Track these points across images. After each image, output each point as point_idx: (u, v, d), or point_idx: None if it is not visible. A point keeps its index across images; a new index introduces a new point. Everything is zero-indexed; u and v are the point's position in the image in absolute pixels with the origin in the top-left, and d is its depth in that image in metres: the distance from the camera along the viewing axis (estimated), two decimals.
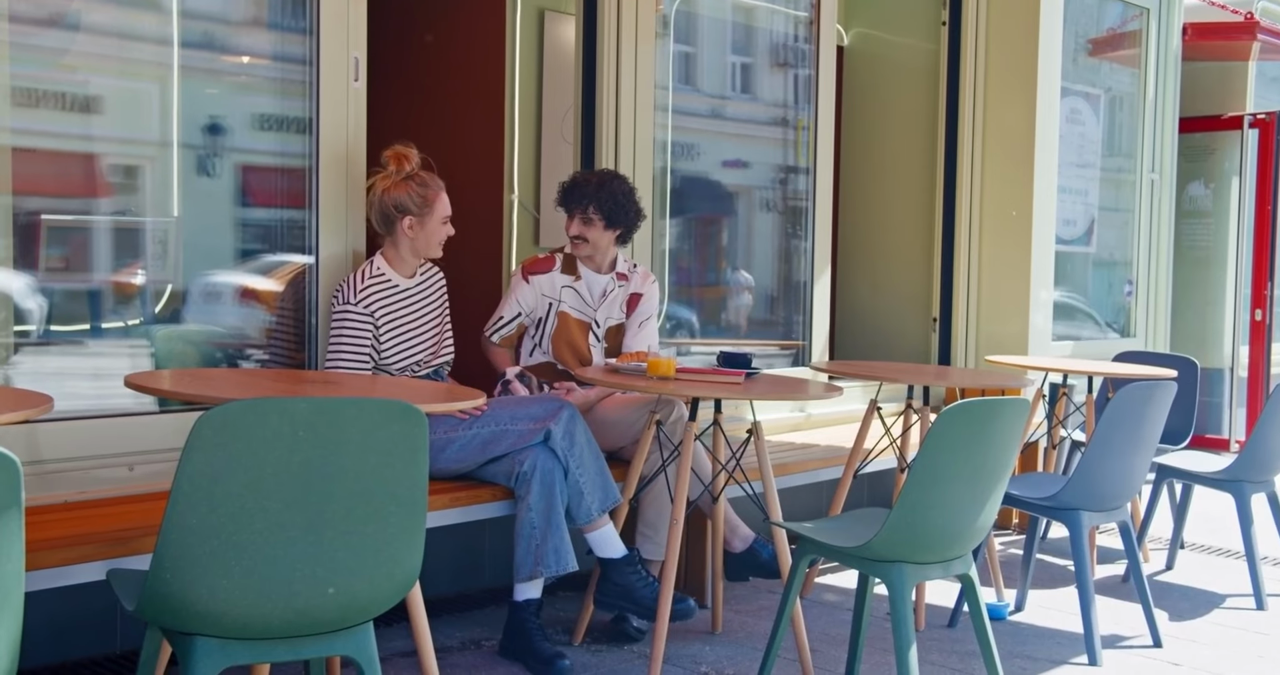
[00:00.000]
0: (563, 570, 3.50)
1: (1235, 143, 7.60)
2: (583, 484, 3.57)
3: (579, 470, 3.57)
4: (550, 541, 3.49)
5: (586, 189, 4.04)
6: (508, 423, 3.57)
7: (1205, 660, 3.93)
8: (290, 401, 2.16)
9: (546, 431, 3.54)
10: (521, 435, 3.55)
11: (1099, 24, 6.74)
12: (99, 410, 3.43)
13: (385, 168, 3.73)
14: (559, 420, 3.56)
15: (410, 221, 3.69)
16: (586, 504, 3.58)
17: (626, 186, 4.08)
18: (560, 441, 3.55)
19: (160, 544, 2.14)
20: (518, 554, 3.53)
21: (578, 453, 3.57)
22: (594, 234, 4.05)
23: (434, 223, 3.71)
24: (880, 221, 6.39)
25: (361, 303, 3.63)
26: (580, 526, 3.60)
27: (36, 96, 3.39)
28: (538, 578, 3.53)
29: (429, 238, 3.72)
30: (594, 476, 3.60)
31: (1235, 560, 5.23)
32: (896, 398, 4.94)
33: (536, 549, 3.50)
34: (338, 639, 2.33)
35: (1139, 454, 3.94)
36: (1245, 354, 7.59)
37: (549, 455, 3.53)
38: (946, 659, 3.83)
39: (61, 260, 3.52)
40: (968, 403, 2.93)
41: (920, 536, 3.01)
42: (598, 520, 3.60)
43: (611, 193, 4.02)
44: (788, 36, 5.79)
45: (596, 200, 4.01)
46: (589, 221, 4.04)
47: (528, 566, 3.51)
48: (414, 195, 3.68)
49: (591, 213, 4.02)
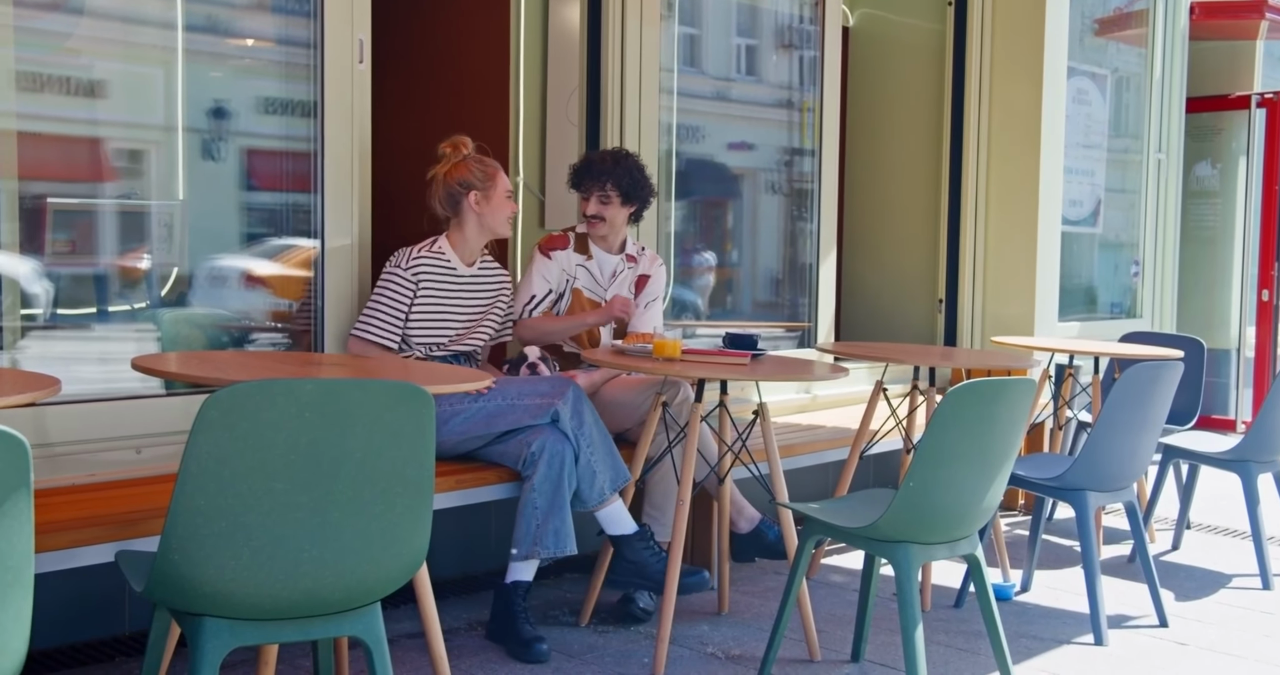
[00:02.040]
0: (561, 553, 3.50)
1: (1242, 122, 7.58)
2: (594, 464, 3.57)
3: (589, 449, 3.57)
4: (551, 522, 3.49)
5: (603, 167, 4.07)
6: (514, 398, 3.58)
7: (1211, 640, 3.94)
8: (297, 383, 2.16)
9: (554, 412, 3.54)
10: (528, 411, 3.56)
11: (1106, 3, 6.71)
12: (106, 393, 3.45)
13: (442, 156, 3.86)
14: (566, 399, 3.56)
15: (476, 196, 3.80)
16: (599, 483, 3.58)
17: (639, 163, 4.13)
18: (569, 422, 3.55)
19: (168, 526, 2.14)
20: (516, 533, 3.52)
21: (587, 432, 3.58)
22: (611, 212, 4.09)
23: (498, 196, 3.83)
24: (885, 203, 6.38)
25: (411, 269, 3.72)
26: (592, 507, 3.61)
27: (41, 81, 3.39)
28: (533, 558, 3.52)
29: (495, 211, 3.82)
30: (604, 455, 3.60)
31: (1241, 540, 5.23)
32: (902, 379, 4.94)
33: (536, 529, 3.49)
34: (345, 620, 2.33)
35: (1145, 434, 3.94)
36: (1252, 334, 7.58)
37: (558, 437, 3.53)
38: (953, 639, 3.84)
39: (67, 244, 3.52)
40: (973, 383, 2.93)
41: (926, 517, 3.02)
42: (609, 498, 3.61)
43: (628, 169, 4.07)
44: (793, 17, 5.77)
45: (614, 177, 4.06)
46: (607, 199, 4.07)
47: (525, 546, 3.50)
48: (476, 171, 3.83)
49: (609, 190, 4.06)
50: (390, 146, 5.01)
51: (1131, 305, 6.95)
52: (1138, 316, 6.90)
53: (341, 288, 3.86)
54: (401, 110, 5.59)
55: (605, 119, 4.67)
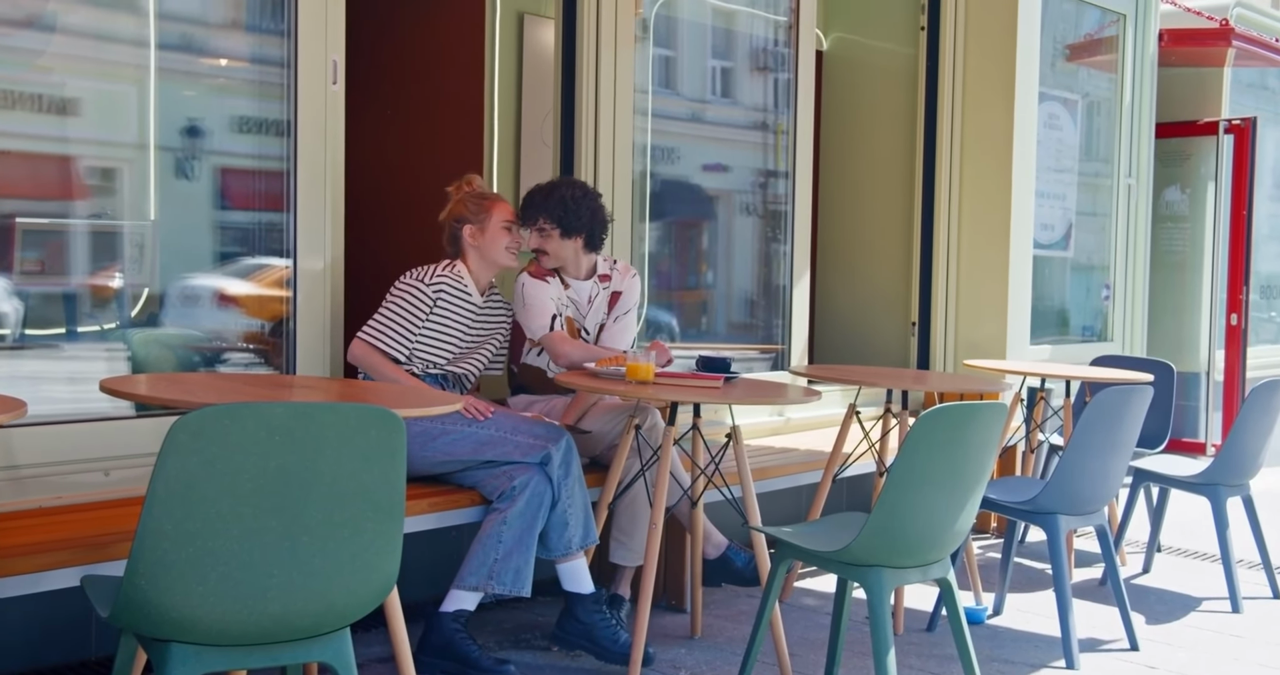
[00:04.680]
0: (515, 593, 3.46)
1: (1211, 148, 7.65)
2: (569, 515, 3.56)
3: (568, 500, 3.56)
4: (514, 560, 3.45)
5: (535, 200, 3.95)
6: (509, 432, 3.57)
7: (1182, 663, 3.95)
8: (267, 406, 2.15)
9: (546, 454, 3.53)
10: (519, 447, 3.54)
11: (1077, 29, 6.77)
12: (75, 415, 3.41)
13: (449, 198, 3.90)
14: (559, 446, 3.56)
15: (470, 230, 3.81)
16: (568, 536, 3.56)
17: (578, 192, 3.95)
18: (557, 469, 3.55)
19: (135, 550, 2.12)
20: (471, 562, 3.47)
21: (570, 484, 3.57)
22: (552, 245, 3.95)
23: (494, 227, 3.81)
24: (859, 225, 6.40)
25: (433, 286, 3.72)
26: (555, 558, 3.59)
27: (13, 98, 3.37)
28: (481, 591, 3.48)
29: (491, 242, 3.81)
30: (580, 511, 3.59)
31: (1211, 563, 5.26)
32: (875, 402, 4.95)
33: (495, 563, 3.44)
34: (315, 645, 2.31)
35: (1116, 458, 3.96)
36: (1221, 358, 7.63)
37: (543, 479, 3.52)
38: (925, 663, 3.84)
39: (37, 263, 3.49)
40: (946, 407, 2.94)
41: (899, 541, 3.02)
42: (574, 553, 3.59)
43: (561, 200, 3.91)
44: (767, 41, 5.80)
45: (545, 210, 3.92)
46: (544, 233, 3.93)
47: (477, 577, 3.45)
48: (470, 205, 3.84)
49: (544, 223, 3.92)
50: (364, 167, 5.00)
51: (1103, 328, 7.00)
52: (1109, 340, 6.94)
53: (314, 308, 3.84)
54: (376, 131, 5.58)
55: (580, 140, 4.67)
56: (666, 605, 4.31)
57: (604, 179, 4.70)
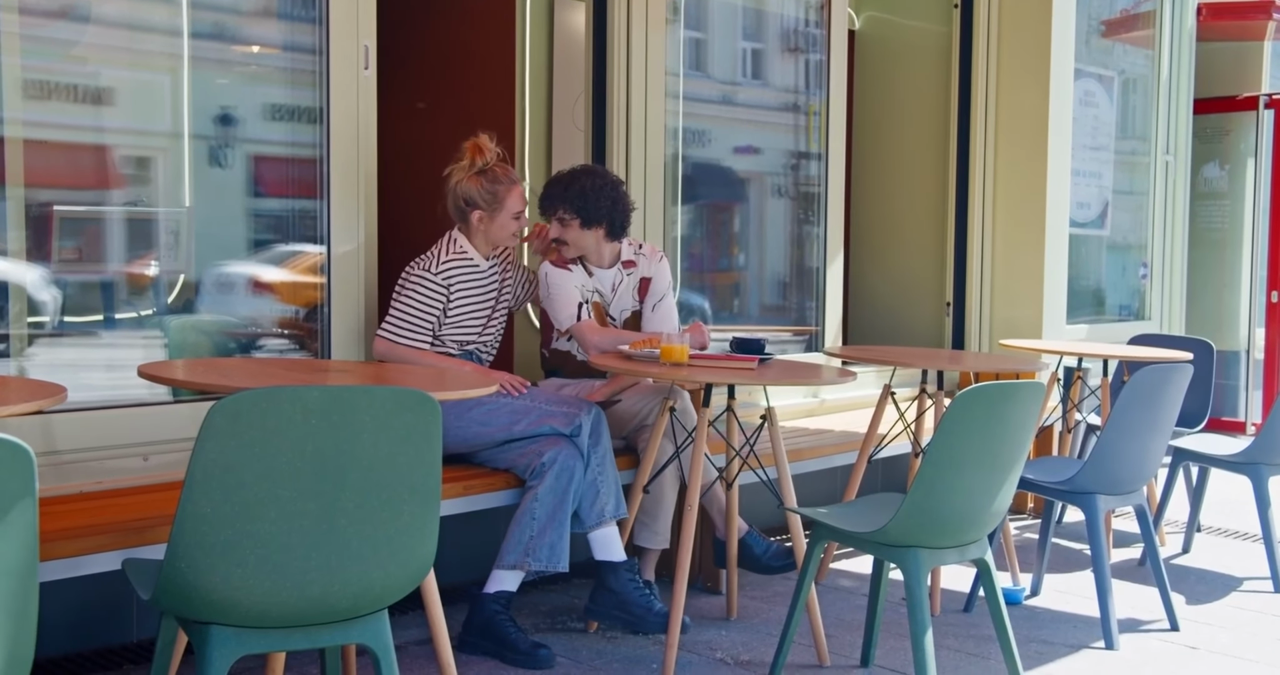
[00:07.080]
0: (553, 568, 3.46)
1: (1251, 123, 7.55)
2: (599, 484, 3.57)
3: (598, 468, 3.56)
4: (548, 536, 3.46)
5: (554, 191, 3.92)
6: (542, 402, 3.60)
7: (1223, 643, 3.92)
8: (303, 390, 2.16)
9: (577, 424, 3.54)
10: (553, 416, 3.56)
11: (1112, 5, 6.70)
12: (113, 400, 3.44)
13: (462, 158, 3.78)
14: (589, 415, 3.59)
15: (480, 216, 3.76)
16: (600, 504, 3.57)
17: (597, 181, 3.90)
18: (587, 438, 3.56)
19: (174, 533, 2.14)
20: (508, 541, 3.49)
21: (601, 453, 3.58)
22: (572, 234, 3.92)
23: (503, 218, 3.77)
24: (892, 206, 6.36)
25: (441, 274, 3.70)
26: (588, 529, 3.59)
27: (48, 89, 3.39)
28: (521, 569, 3.49)
29: (499, 231, 3.79)
30: (610, 481, 3.61)
31: (1252, 543, 5.21)
32: (910, 383, 4.93)
33: (530, 540, 3.46)
34: (353, 627, 2.33)
35: (1155, 437, 3.93)
36: (1261, 336, 7.55)
37: (572, 452, 3.52)
38: (962, 643, 3.83)
39: (74, 252, 3.52)
40: (982, 387, 2.92)
41: (935, 521, 3.00)
42: (606, 521, 3.60)
43: (580, 190, 3.86)
44: (798, 21, 5.76)
45: (565, 201, 3.88)
46: (564, 222, 3.91)
47: (515, 555, 3.47)
48: (484, 191, 3.75)
49: (563, 213, 3.90)
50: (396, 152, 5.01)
51: (1140, 307, 6.93)
52: (1146, 319, 6.88)
53: (348, 293, 3.86)
54: (407, 116, 5.59)
55: (611, 124, 4.66)
56: (701, 587, 4.32)
57: (635, 162, 4.70)
